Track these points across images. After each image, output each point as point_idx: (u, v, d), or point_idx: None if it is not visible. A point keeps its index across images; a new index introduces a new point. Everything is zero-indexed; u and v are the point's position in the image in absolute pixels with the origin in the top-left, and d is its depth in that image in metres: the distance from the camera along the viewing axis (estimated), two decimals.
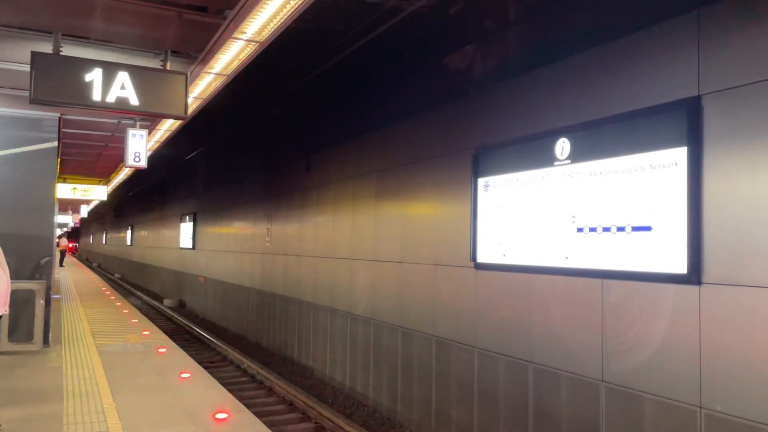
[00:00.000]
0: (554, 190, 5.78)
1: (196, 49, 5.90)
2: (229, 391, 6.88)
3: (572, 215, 5.57)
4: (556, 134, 5.79)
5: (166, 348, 8.90)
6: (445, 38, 7.66)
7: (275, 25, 4.82)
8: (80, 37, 5.74)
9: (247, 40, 5.23)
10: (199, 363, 9.37)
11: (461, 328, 7.08)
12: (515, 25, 6.71)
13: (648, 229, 4.82)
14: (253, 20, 4.75)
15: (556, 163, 5.77)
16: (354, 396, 9.53)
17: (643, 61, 4.99)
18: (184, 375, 7.09)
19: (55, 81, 5.14)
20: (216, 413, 5.52)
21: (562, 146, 5.70)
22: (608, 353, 5.17)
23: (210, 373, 7.93)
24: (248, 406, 8.16)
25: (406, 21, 7.38)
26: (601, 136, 5.29)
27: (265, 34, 5.05)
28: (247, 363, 11.52)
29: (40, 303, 8.12)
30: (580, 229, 5.48)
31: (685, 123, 4.57)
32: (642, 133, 4.90)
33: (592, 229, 5.34)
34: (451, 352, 7.26)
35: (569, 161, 5.62)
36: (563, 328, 5.67)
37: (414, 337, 8.00)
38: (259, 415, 7.84)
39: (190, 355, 10.36)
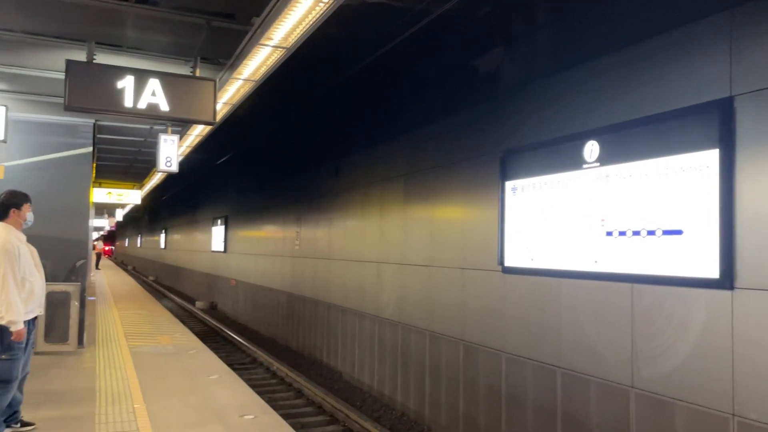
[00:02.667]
0: (583, 193, 5.70)
1: (225, 55, 5.99)
2: (259, 393, 6.96)
3: (601, 219, 5.49)
4: (584, 137, 5.72)
5: (196, 350, 9.03)
6: (472, 41, 7.64)
7: (301, 31, 4.87)
8: (113, 45, 5.87)
9: (274, 46, 5.29)
10: (230, 365, 9.48)
11: (489, 332, 7.03)
12: (544, 27, 6.66)
13: (679, 232, 4.72)
14: (279, 27, 4.81)
15: (584, 166, 5.70)
16: (382, 399, 9.53)
17: (674, 62, 4.90)
18: (213, 376, 7.18)
19: (88, 88, 5.24)
20: (243, 414, 5.58)
21: (591, 149, 5.62)
22: (638, 359, 5.08)
23: (240, 375, 8.03)
24: (277, 408, 8.25)
25: (433, 24, 7.38)
26: (630, 139, 5.21)
27: (292, 40, 5.10)
28: (276, 365, 11.62)
29: (74, 305, 8.32)
30: (609, 233, 5.40)
31: (716, 125, 4.47)
32: (672, 136, 4.82)
33: (622, 233, 5.26)
34: (478, 356, 7.21)
35: (598, 164, 5.54)
36: (592, 333, 5.59)
37: (442, 341, 7.97)
38: (288, 417, 7.92)
39: (221, 357, 10.49)
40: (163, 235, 35.95)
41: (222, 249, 20.99)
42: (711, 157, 4.50)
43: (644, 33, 5.18)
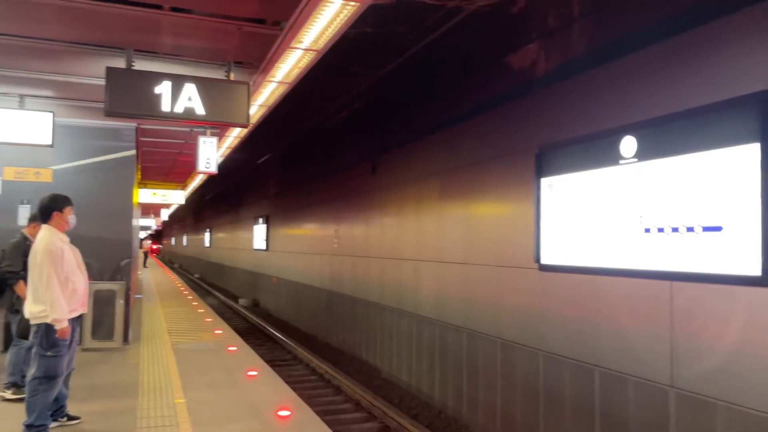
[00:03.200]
0: (620, 189, 5.60)
1: (258, 59, 6.08)
2: (298, 389, 7.05)
3: (639, 215, 5.38)
4: (621, 132, 5.61)
5: (236, 346, 9.21)
6: (507, 37, 7.57)
7: (330, 33, 4.91)
8: (150, 52, 6.04)
9: (304, 49, 5.35)
10: (271, 361, 9.63)
11: (526, 330, 6.97)
12: (579, 21, 6.55)
13: (718, 229, 4.60)
14: (308, 30, 4.86)
15: (621, 162, 5.59)
16: (420, 397, 9.55)
17: (712, 54, 4.76)
18: (251, 373, 7.32)
19: (127, 94, 5.40)
20: (279, 410, 5.68)
21: (628, 144, 5.51)
22: (678, 358, 4.97)
23: (280, 371, 8.14)
24: (316, 404, 8.36)
25: (467, 21, 7.34)
26: (668, 133, 5.08)
27: (322, 42, 5.15)
28: (316, 362, 11.75)
29: (120, 303, 8.58)
30: (647, 230, 5.29)
31: (757, 118, 4.33)
32: (711, 130, 4.68)
33: (660, 230, 5.15)
34: (516, 354, 7.15)
35: (635, 159, 5.43)
36: (631, 331, 5.49)
37: (479, 339, 7.94)
38: (326, 413, 8.02)
39: (262, 353, 10.67)
40: (207, 234, 36.67)
41: (264, 247, 21.30)
42: (751, 152, 4.36)
43: (680, 25, 5.05)
